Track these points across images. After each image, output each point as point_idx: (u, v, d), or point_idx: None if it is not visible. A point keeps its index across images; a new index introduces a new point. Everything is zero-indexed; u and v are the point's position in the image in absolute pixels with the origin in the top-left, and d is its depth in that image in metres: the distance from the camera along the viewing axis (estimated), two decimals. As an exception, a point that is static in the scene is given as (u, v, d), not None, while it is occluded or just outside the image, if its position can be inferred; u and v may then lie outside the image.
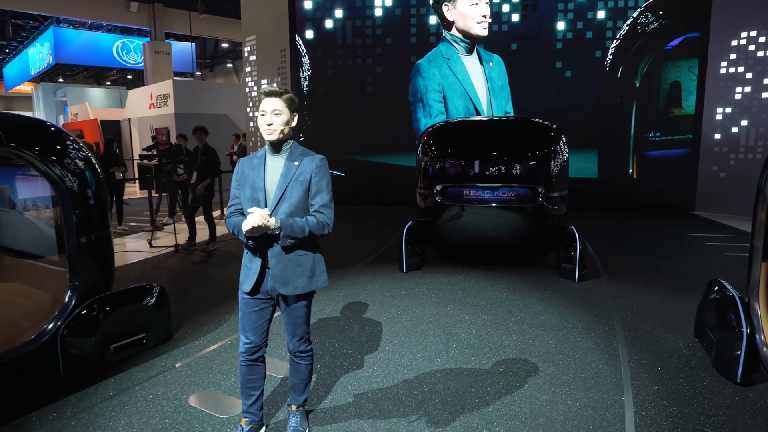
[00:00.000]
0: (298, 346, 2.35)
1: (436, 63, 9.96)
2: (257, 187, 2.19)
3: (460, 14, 9.75)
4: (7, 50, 25.31)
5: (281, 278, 2.19)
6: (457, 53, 9.84)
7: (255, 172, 2.22)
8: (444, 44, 9.92)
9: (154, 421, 2.62)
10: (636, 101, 9.27)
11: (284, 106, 2.16)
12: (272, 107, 2.14)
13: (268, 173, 2.21)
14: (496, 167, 4.98)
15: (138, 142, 15.73)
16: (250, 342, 2.29)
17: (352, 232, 7.88)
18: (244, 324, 2.28)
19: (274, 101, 2.15)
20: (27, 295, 3.67)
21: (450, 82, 9.88)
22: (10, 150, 2.83)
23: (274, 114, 2.14)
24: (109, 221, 3.44)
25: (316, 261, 2.28)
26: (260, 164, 2.23)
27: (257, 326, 2.28)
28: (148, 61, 19.04)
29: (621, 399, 2.75)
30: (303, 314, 2.31)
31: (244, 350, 2.30)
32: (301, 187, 2.17)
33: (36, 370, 3.00)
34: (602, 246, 6.47)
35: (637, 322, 3.88)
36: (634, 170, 9.44)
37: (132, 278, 5.36)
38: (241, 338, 2.31)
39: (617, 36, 9.18)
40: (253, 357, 2.31)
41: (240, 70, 26.36)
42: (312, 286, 2.26)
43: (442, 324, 3.90)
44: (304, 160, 2.21)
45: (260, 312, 2.27)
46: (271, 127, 2.15)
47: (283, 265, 2.18)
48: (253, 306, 2.26)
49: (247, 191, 2.21)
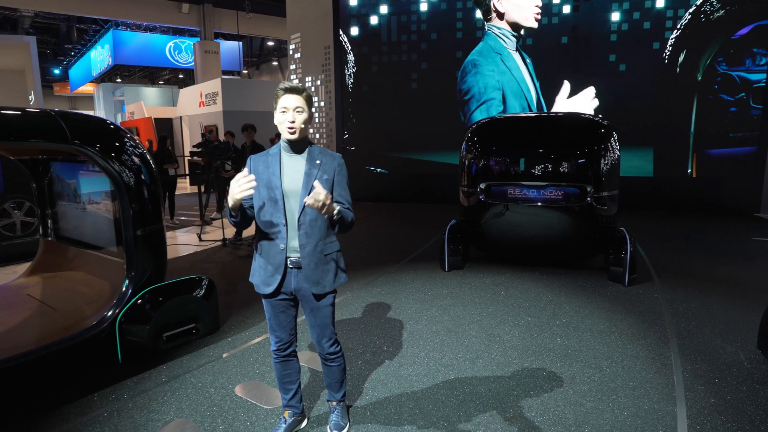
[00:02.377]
0: (327, 348, 2.33)
1: (491, 58, 9.70)
2: (273, 185, 2.12)
3: (514, 5, 9.46)
4: (73, 53, 26.85)
5: (313, 278, 2.17)
6: (507, 48, 9.59)
7: (270, 170, 2.14)
8: (491, 38, 9.67)
9: (202, 408, 2.72)
10: (697, 95, 8.78)
11: (305, 103, 2.09)
12: (295, 104, 2.06)
13: (285, 172, 2.15)
14: (542, 165, 4.86)
15: (188, 139, 16.34)
16: (281, 340, 2.31)
17: (393, 229, 7.89)
18: (272, 324, 2.30)
19: (296, 98, 2.07)
20: (89, 284, 3.90)
21: (507, 78, 9.62)
22: (74, 147, 3.01)
23: (297, 112, 2.07)
24: (162, 215, 3.60)
25: (339, 257, 2.28)
26: (275, 162, 2.15)
27: (286, 325, 2.30)
28: (198, 60, 19.72)
29: (673, 411, 2.63)
30: (330, 313, 2.29)
31: (276, 348, 2.33)
32: (326, 186, 2.13)
33: (97, 354, 3.19)
34: (655, 249, 6.20)
35: (692, 331, 3.70)
36: (694, 169, 8.95)
37: (182, 270, 5.59)
38: (271, 338, 2.33)
39: (678, 26, 8.69)
40: (285, 353, 2.34)
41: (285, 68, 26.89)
42: (338, 282, 2.26)
43: (484, 325, 3.85)
44: (325, 159, 2.17)
45: (287, 311, 2.28)
46: (294, 125, 2.07)
47: (314, 266, 2.16)
48: (279, 307, 2.25)
49: (262, 190, 2.14)
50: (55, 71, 30.31)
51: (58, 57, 28.30)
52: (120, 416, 2.65)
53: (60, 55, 27.93)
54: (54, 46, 26.45)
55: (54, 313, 3.47)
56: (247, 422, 2.58)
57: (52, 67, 29.70)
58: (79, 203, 4.16)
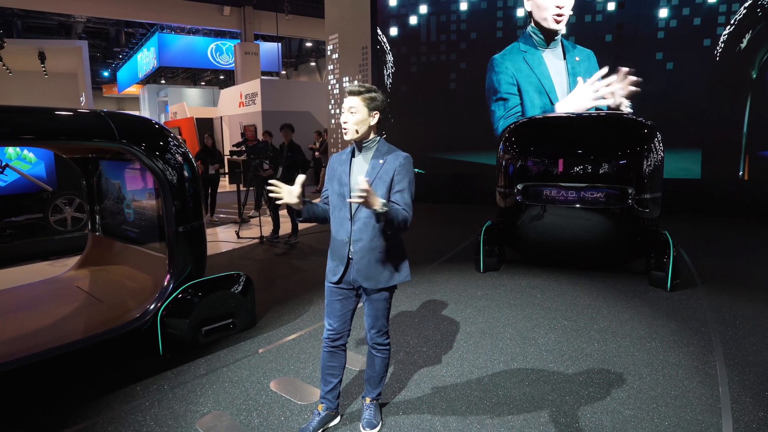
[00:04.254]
0: (376, 337, 2.40)
1: (510, 56, 9.64)
2: (343, 182, 2.26)
3: (535, 4, 9.34)
4: (120, 56, 28.03)
5: (364, 272, 2.25)
6: (535, 46, 9.44)
7: (342, 167, 2.29)
8: (524, 36, 9.58)
9: (238, 401, 2.80)
10: (752, 94, 8.33)
11: (362, 104, 2.19)
12: (349, 105, 2.19)
13: (354, 169, 2.27)
14: (582, 166, 4.74)
15: (228, 138, 16.76)
16: (333, 329, 2.38)
17: (429, 229, 7.87)
18: (328, 311, 2.39)
19: (352, 99, 2.20)
20: (133, 277, 4.06)
21: (525, 75, 9.50)
22: (122, 145, 3.14)
23: (350, 112, 2.19)
24: (203, 213, 3.71)
25: (398, 257, 2.33)
26: (347, 160, 2.29)
27: (341, 314, 2.37)
28: (239, 61, 20.18)
29: (718, 422, 2.52)
30: (383, 307, 2.35)
31: (327, 336, 2.39)
32: (384, 185, 2.20)
33: (139, 346, 3.32)
34: (701, 253, 5.94)
35: (739, 339, 3.53)
36: (746, 171, 8.51)
37: (221, 267, 5.74)
38: (326, 324, 2.41)
39: (731, 21, 8.27)
40: (335, 344, 2.40)
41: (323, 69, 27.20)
42: (394, 281, 2.31)
43: (519, 327, 3.79)
44: (388, 158, 2.24)
45: (344, 301, 2.35)
46: (346, 125, 2.20)
47: (366, 261, 2.24)
48: (337, 295, 2.35)
49: (335, 186, 2.30)
50: (104, 74, 31.70)
51: (107, 60, 29.58)
52: (160, 406, 2.75)
53: (109, 58, 29.19)
54: (103, 50, 27.67)
55: (100, 305, 3.63)
56: (281, 417, 2.64)
57: (102, 70, 31.06)
58: (124, 200, 4.34)
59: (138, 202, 4.17)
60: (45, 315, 3.45)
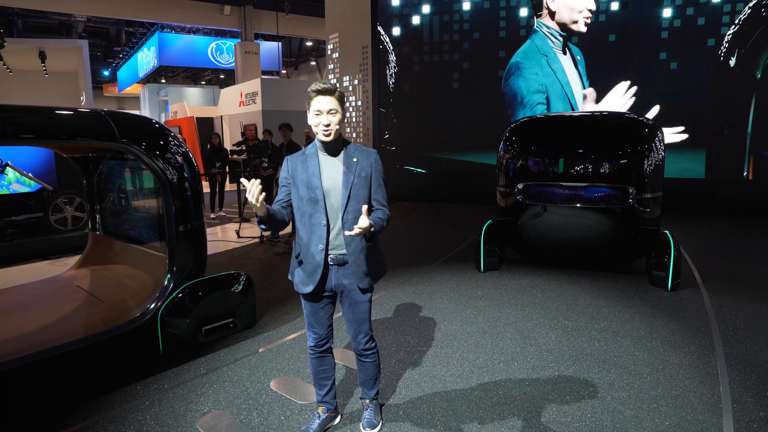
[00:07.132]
0: (363, 343, 2.35)
1: (536, 60, 9.42)
2: (313, 185, 2.13)
3: (566, 5, 9.11)
4: (121, 55, 28.04)
5: (359, 273, 2.21)
6: (554, 49, 9.29)
7: (309, 171, 2.15)
8: (538, 37, 9.38)
9: (239, 401, 2.79)
10: (756, 94, 8.31)
11: (338, 104, 2.09)
12: (328, 107, 2.06)
13: (324, 171, 2.16)
14: (582, 166, 4.73)
15: (229, 137, 16.76)
16: (318, 336, 2.35)
17: (429, 229, 7.86)
18: (310, 320, 2.33)
19: (329, 100, 2.06)
20: (133, 277, 4.06)
21: (551, 82, 9.31)
22: (122, 145, 3.14)
23: (331, 114, 2.07)
24: (202, 212, 3.70)
25: (379, 252, 2.32)
26: (314, 163, 2.16)
27: (324, 321, 2.33)
28: (239, 60, 20.18)
29: (719, 422, 2.52)
30: (367, 309, 2.32)
31: (314, 344, 2.36)
32: (365, 183, 2.16)
33: (140, 345, 3.32)
34: (703, 253, 5.94)
35: (740, 339, 3.52)
36: (750, 171, 8.49)
37: (221, 266, 5.74)
38: (309, 334, 2.37)
39: (736, 21, 8.25)
40: (322, 349, 2.38)
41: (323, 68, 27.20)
42: (379, 275, 2.31)
43: (520, 327, 3.79)
44: (361, 156, 2.19)
45: (326, 308, 2.32)
46: (329, 128, 2.08)
47: (361, 260, 2.21)
48: (319, 305, 2.29)
49: (302, 191, 2.15)
50: (105, 73, 31.72)
51: (108, 59, 29.60)
52: (161, 405, 2.75)
53: (109, 58, 29.20)
54: (104, 49, 27.68)
55: (101, 304, 3.63)
56: (281, 416, 2.63)
57: (102, 69, 31.08)
58: (125, 199, 4.34)
59: (138, 201, 4.17)
60: (45, 314, 3.45)
